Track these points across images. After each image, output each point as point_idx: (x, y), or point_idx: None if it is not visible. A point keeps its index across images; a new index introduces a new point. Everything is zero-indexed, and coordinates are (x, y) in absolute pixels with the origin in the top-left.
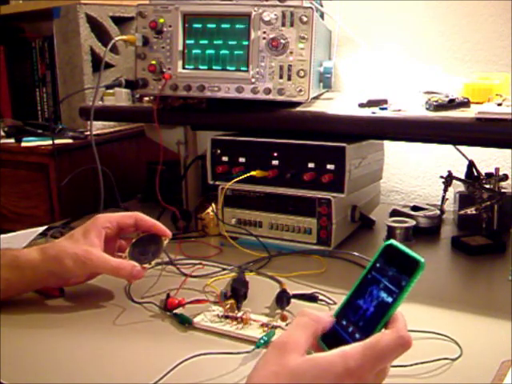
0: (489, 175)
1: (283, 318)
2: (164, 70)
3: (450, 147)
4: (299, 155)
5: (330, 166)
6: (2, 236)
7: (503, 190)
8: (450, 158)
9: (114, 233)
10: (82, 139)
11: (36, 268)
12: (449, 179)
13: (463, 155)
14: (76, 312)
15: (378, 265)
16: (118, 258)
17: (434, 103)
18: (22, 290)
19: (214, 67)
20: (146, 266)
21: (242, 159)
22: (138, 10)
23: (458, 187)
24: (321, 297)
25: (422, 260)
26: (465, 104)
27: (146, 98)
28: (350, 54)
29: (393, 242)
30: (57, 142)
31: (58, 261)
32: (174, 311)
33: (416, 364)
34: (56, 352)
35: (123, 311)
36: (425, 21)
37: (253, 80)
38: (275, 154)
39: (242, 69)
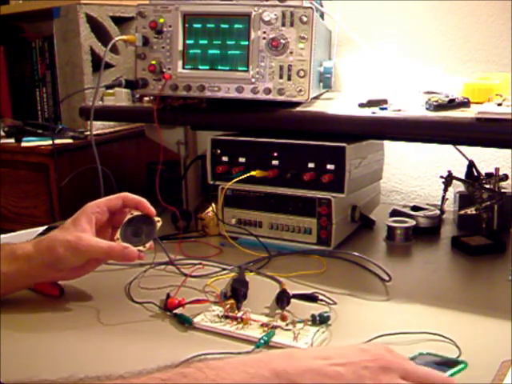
0: (489, 175)
1: (283, 318)
2: (164, 69)
3: (450, 147)
4: (299, 155)
5: (329, 166)
6: (2, 236)
7: (503, 190)
8: (450, 158)
9: (106, 218)
10: (82, 139)
11: (31, 260)
12: (449, 179)
13: (463, 155)
14: (75, 312)
15: None
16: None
17: (434, 103)
18: (19, 284)
19: (213, 67)
20: (141, 248)
21: (242, 159)
22: (138, 9)
23: (458, 187)
24: (321, 297)
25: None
26: (465, 104)
27: (146, 98)
28: (350, 54)
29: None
30: (57, 142)
31: (50, 250)
32: (174, 311)
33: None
34: (55, 352)
35: (123, 311)
36: (425, 21)
37: (253, 80)
38: (275, 154)
39: (242, 69)
